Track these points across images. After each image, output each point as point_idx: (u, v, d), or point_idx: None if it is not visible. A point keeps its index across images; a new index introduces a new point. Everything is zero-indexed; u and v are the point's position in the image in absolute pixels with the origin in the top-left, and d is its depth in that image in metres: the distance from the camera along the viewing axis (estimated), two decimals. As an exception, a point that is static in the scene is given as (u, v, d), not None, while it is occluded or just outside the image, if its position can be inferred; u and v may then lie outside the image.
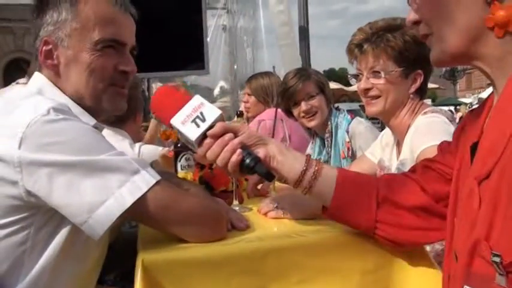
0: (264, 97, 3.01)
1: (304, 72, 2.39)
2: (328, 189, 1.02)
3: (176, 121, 1.01)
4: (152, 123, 2.92)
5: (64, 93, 1.10)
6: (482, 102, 0.90)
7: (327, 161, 2.38)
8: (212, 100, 6.86)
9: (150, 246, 1.03)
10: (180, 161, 1.82)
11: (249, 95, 3.08)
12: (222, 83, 7.18)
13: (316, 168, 1.02)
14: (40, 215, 0.98)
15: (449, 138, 1.31)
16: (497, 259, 0.65)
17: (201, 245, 1.03)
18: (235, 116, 2.27)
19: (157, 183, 0.98)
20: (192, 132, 1.00)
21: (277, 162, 1.02)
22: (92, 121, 1.10)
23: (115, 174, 0.95)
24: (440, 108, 1.54)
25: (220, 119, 1.01)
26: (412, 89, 1.50)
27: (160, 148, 2.33)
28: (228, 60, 6.73)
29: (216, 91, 7.62)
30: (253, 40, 6.24)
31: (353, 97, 14.68)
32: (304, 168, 1.01)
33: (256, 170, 1.00)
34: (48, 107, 0.96)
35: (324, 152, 2.41)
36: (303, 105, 2.29)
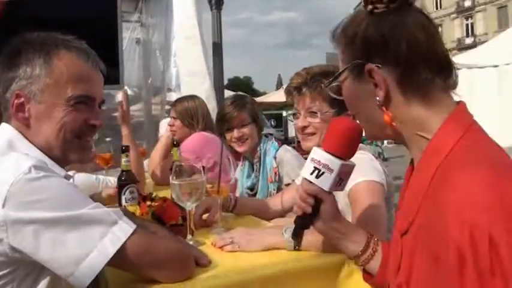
0: (189, 120, 3.05)
1: (241, 101, 2.55)
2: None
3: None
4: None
5: (33, 144, 1.13)
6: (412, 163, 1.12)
7: (255, 184, 2.55)
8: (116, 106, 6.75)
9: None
10: (124, 194, 1.86)
11: (174, 118, 3.12)
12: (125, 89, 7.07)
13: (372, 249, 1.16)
14: (21, 269, 1.01)
15: (376, 174, 1.54)
16: None
17: (172, 285, 1.12)
18: (172, 146, 2.34)
19: (134, 231, 1.06)
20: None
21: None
22: (63, 172, 1.15)
23: (96, 226, 1.01)
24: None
25: None
26: None
27: (94, 177, 2.34)
28: (142, 72, 6.68)
29: (119, 97, 7.56)
30: (166, 52, 6.27)
31: (258, 107, 15.16)
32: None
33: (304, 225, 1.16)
34: (29, 165, 1.00)
35: (253, 176, 2.58)
36: (236, 132, 2.45)
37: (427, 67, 0.91)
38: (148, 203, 1.87)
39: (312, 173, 1.08)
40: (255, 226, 1.72)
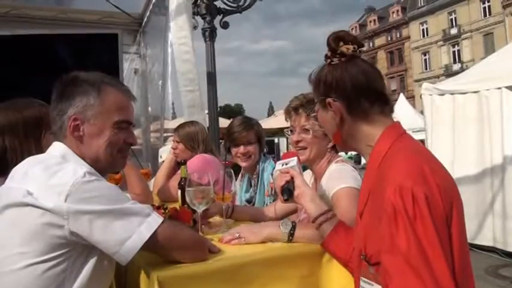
0: (191, 144, 3.39)
1: (249, 122, 2.94)
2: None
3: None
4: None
5: (82, 158, 1.46)
6: None
7: (253, 197, 2.89)
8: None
9: (156, 266, 1.42)
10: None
11: (177, 142, 3.45)
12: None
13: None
14: (76, 249, 1.33)
15: (355, 182, 1.89)
16: (367, 259, 1.23)
17: (192, 264, 1.44)
18: (179, 165, 2.67)
19: (162, 222, 1.38)
20: None
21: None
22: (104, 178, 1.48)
23: (135, 217, 1.34)
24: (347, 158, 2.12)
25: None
26: (330, 145, 2.06)
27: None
28: (140, 101, 6.97)
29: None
30: (164, 82, 6.58)
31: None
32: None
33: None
34: (84, 171, 1.33)
35: (251, 190, 2.92)
36: (242, 148, 2.83)
37: (366, 100, 1.33)
38: (162, 211, 2.19)
39: (283, 165, 1.76)
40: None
